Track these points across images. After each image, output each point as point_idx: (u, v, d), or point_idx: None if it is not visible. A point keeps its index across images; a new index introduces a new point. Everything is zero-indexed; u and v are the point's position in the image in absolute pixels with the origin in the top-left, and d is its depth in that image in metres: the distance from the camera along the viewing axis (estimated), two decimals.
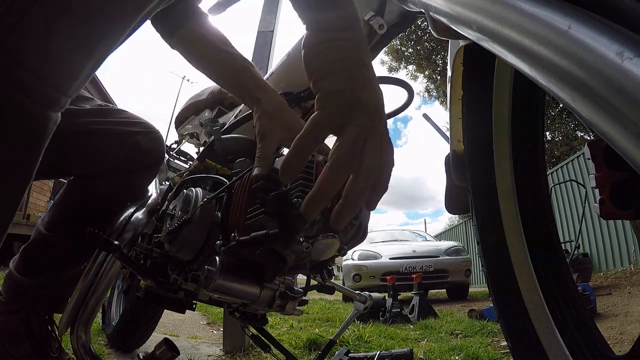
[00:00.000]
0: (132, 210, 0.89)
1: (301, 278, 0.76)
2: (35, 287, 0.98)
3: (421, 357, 1.81)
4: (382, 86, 0.92)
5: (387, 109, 0.97)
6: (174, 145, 1.48)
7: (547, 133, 10.86)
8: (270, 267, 0.65)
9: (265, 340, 0.90)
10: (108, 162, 0.96)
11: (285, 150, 0.84)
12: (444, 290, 6.27)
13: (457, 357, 1.78)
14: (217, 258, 0.62)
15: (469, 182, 0.86)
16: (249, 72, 0.76)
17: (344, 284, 5.62)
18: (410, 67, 12.59)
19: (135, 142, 0.96)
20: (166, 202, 0.87)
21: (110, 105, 1.01)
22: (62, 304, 1.03)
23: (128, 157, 0.96)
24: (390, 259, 5.76)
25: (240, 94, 0.77)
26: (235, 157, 0.82)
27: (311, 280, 0.72)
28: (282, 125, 0.67)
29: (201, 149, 1.10)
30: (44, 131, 0.43)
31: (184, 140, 1.39)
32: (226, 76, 0.79)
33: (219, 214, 0.69)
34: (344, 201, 0.45)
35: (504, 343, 1.99)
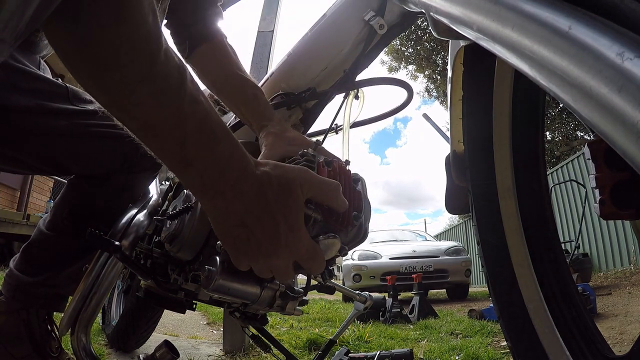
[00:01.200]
0: (134, 211, 0.89)
1: (301, 278, 0.76)
2: (35, 285, 0.98)
3: (421, 357, 1.81)
4: (383, 86, 0.92)
5: (387, 108, 0.98)
6: None
7: (547, 133, 10.86)
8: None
9: (265, 340, 0.90)
10: (108, 163, 0.97)
11: None
12: (444, 290, 6.27)
13: (457, 357, 1.78)
14: (218, 258, 0.62)
15: (469, 182, 0.86)
16: (258, 101, 0.79)
17: (344, 284, 5.62)
18: (410, 67, 12.60)
19: (135, 144, 0.97)
20: (166, 202, 0.87)
21: None
22: (62, 302, 1.03)
23: (128, 159, 0.97)
24: (390, 259, 5.76)
25: (246, 120, 0.81)
26: None
27: (311, 280, 0.72)
28: (287, 140, 0.72)
29: None
30: None
31: None
32: (236, 102, 0.81)
33: None
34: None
35: (504, 343, 1.99)
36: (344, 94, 0.86)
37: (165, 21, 0.86)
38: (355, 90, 0.84)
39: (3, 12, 0.29)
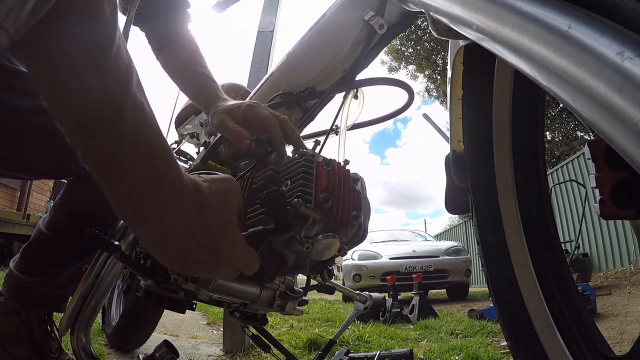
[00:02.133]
0: None
1: (301, 278, 0.76)
2: (35, 285, 0.98)
3: (421, 357, 1.81)
4: (383, 88, 0.92)
5: (388, 111, 0.97)
6: (174, 145, 1.48)
7: (547, 133, 10.86)
8: (271, 267, 0.65)
9: (265, 340, 0.90)
10: None
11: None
12: (444, 290, 6.27)
13: (457, 357, 1.78)
14: None
15: (469, 182, 0.86)
16: (205, 88, 0.84)
17: (344, 284, 5.62)
18: (410, 67, 12.60)
19: None
20: None
21: None
22: (62, 302, 1.03)
23: None
24: (390, 259, 5.76)
25: (206, 111, 0.85)
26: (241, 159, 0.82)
27: (311, 280, 0.72)
28: (226, 130, 0.71)
29: (201, 149, 1.10)
30: None
31: (184, 140, 1.39)
32: (192, 93, 0.88)
33: None
34: None
35: (504, 343, 1.99)
36: (343, 94, 0.86)
37: (143, 32, 0.96)
38: (355, 90, 0.84)
39: (6, 0, 0.29)
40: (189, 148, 1.49)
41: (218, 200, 0.45)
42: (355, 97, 0.85)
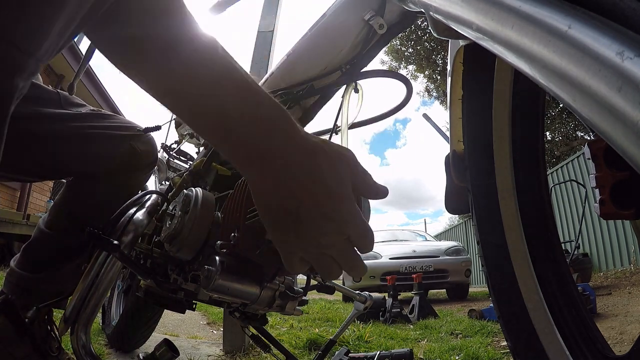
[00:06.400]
0: (133, 210, 0.90)
1: (301, 278, 0.76)
2: (37, 282, 0.99)
3: (421, 357, 1.81)
4: (382, 88, 0.92)
5: (387, 107, 0.97)
6: (174, 145, 1.48)
7: (547, 133, 10.86)
8: (270, 267, 0.65)
9: (265, 340, 0.90)
10: (105, 164, 0.99)
11: None
12: (444, 290, 6.27)
13: (457, 357, 1.78)
14: (217, 258, 0.62)
15: (469, 182, 0.86)
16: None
17: (344, 284, 5.62)
18: (410, 67, 12.59)
19: (130, 146, 1.02)
20: (165, 203, 0.87)
21: (102, 110, 1.06)
22: (63, 298, 1.04)
23: (124, 160, 1.01)
24: (390, 259, 5.76)
25: None
26: None
27: (311, 280, 0.72)
28: None
29: (201, 149, 1.10)
30: (8, 102, 0.33)
31: (184, 140, 1.39)
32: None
33: (219, 214, 0.69)
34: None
35: (504, 343, 1.99)
36: (342, 93, 0.86)
37: None
38: (354, 84, 0.84)
39: (50, 41, 0.33)
40: (189, 148, 1.49)
41: (333, 155, 0.43)
42: (356, 90, 0.84)
